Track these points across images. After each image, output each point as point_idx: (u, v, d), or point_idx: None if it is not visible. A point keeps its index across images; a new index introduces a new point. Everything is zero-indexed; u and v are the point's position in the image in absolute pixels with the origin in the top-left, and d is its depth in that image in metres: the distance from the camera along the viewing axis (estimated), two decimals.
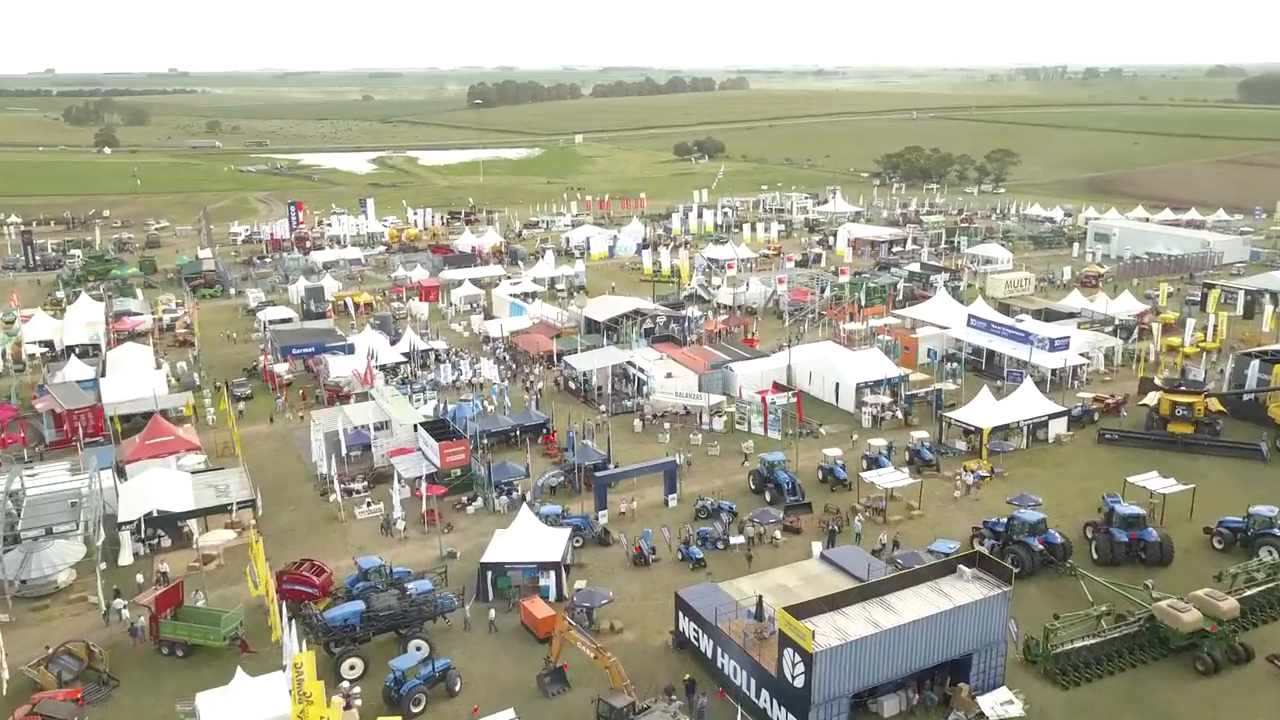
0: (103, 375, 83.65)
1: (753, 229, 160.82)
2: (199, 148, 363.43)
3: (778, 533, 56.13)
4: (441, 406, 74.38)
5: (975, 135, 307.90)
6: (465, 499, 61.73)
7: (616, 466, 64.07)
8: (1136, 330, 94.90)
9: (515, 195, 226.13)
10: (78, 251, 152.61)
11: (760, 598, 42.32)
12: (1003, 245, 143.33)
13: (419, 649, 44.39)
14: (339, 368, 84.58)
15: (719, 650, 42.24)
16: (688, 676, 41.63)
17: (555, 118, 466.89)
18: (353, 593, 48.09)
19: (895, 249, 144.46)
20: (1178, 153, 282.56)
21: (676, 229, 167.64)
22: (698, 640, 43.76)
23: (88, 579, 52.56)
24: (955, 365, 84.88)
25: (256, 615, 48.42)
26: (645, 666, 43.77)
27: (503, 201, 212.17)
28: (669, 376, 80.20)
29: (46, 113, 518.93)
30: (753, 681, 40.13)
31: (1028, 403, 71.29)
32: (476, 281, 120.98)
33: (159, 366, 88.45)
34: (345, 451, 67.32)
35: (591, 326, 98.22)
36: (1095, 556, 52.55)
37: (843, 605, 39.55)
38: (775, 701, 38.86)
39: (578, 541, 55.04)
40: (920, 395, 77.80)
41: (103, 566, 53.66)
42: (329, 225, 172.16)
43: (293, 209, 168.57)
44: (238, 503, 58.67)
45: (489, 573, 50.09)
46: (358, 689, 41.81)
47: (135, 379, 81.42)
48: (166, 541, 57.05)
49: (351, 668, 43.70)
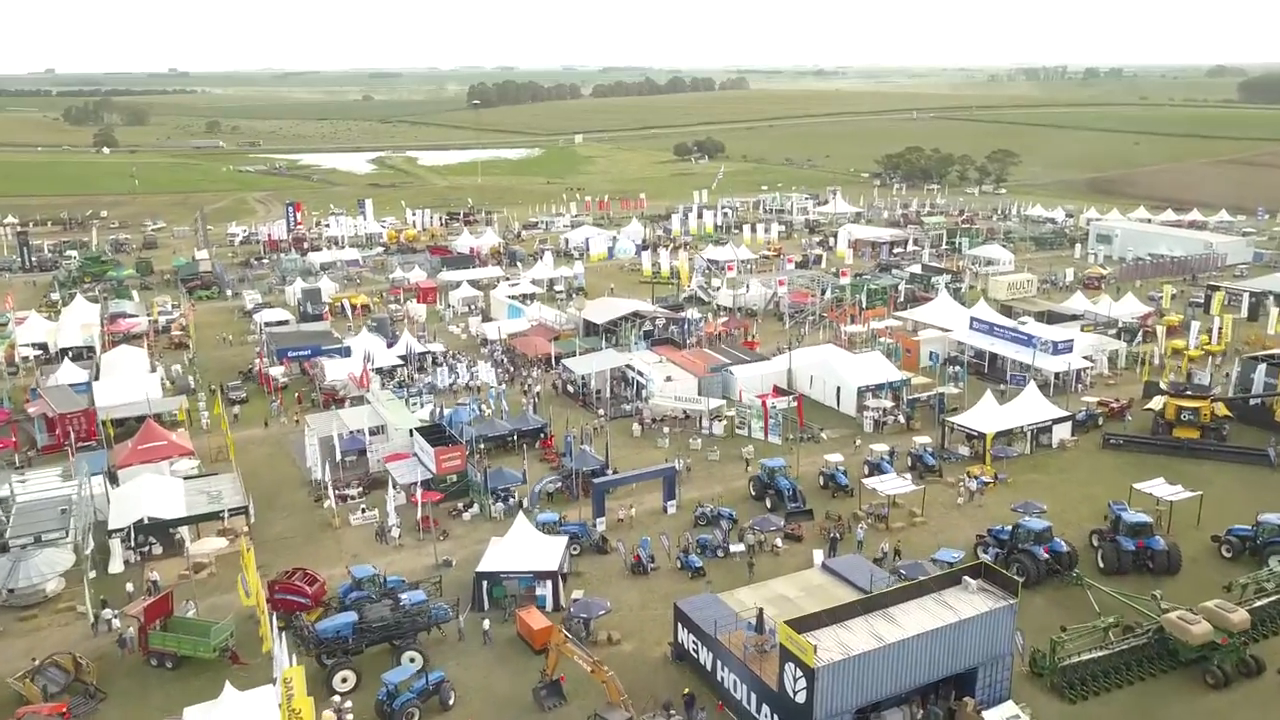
0: (96, 378, 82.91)
1: (753, 230, 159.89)
2: (202, 148, 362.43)
3: (779, 540, 55.29)
4: (438, 411, 73.49)
5: (976, 135, 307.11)
6: (461, 505, 60.84)
7: (615, 472, 63.21)
8: (1140, 333, 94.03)
9: (514, 196, 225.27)
10: (74, 252, 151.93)
11: (761, 610, 41.45)
12: (1004, 246, 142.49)
13: (412, 661, 43.59)
14: (335, 371, 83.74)
15: (719, 663, 41.35)
16: (687, 691, 40.70)
17: (555, 118, 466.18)
18: (346, 603, 47.39)
19: (896, 250, 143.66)
20: (1178, 153, 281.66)
21: (676, 230, 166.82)
22: (697, 652, 42.89)
23: (77, 588, 51.68)
24: (958, 369, 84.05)
25: (248, 625, 47.55)
26: (643, 679, 42.93)
27: (502, 202, 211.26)
28: (668, 380, 79.31)
29: (46, 113, 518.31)
30: (753, 696, 39.25)
31: (1031, 407, 70.38)
32: (474, 283, 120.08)
33: (154, 369, 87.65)
34: (340, 457, 66.41)
35: (590, 329, 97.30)
36: (1101, 565, 51.67)
37: (845, 618, 38.64)
38: (776, 717, 37.99)
39: (575, 549, 54.19)
40: (922, 399, 76.94)
41: (92, 575, 52.82)
42: (327, 226, 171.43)
43: (291, 210, 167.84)
44: (230, 509, 57.68)
45: (484, 582, 49.24)
46: (349, 703, 40.88)
47: (129, 382, 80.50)
48: (158, 549, 56.09)
49: (344, 680, 42.83)
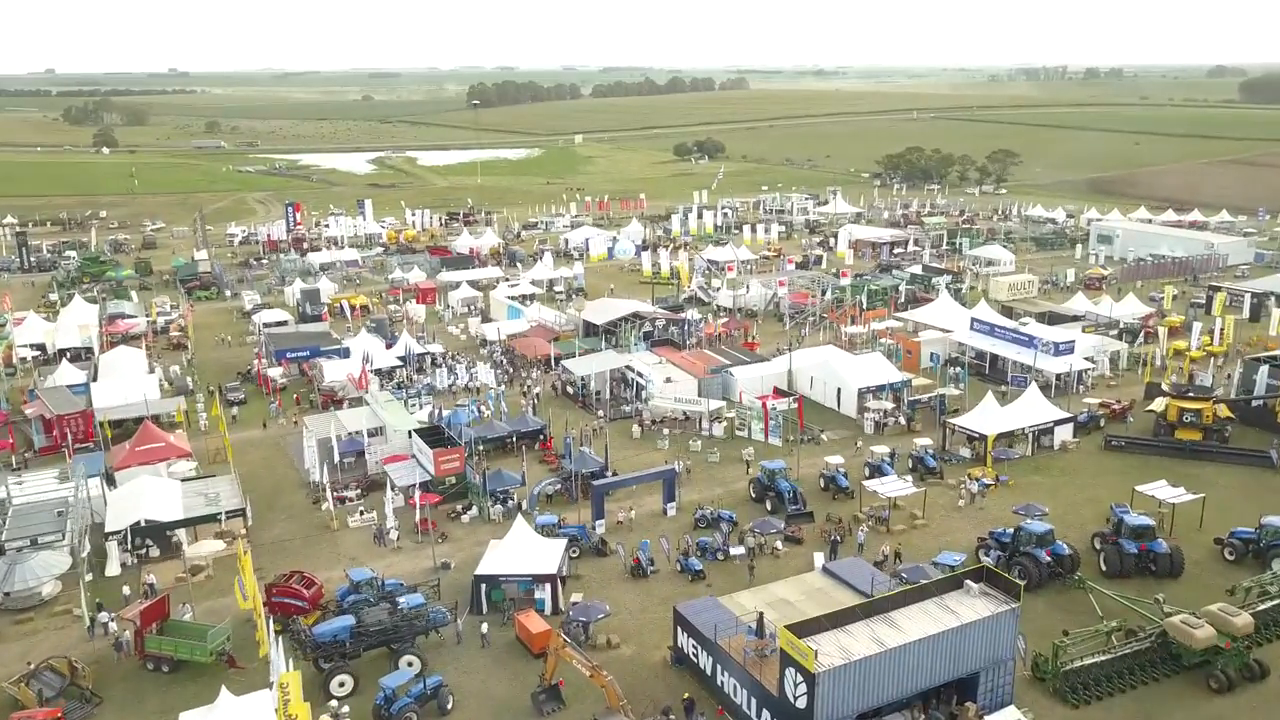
0: (94, 379, 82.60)
1: (753, 230, 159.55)
2: (205, 148, 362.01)
3: (779, 543, 54.97)
4: (436, 412, 73.18)
5: (976, 136, 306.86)
6: (460, 508, 60.52)
7: (614, 474, 62.91)
8: (1142, 334, 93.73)
9: (514, 196, 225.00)
10: (73, 253, 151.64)
11: (761, 614, 41.12)
12: (1005, 247, 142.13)
13: (410, 665, 43.30)
14: (334, 372, 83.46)
15: (719, 668, 41.03)
16: (686, 696, 40.39)
17: (555, 118, 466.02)
18: (343, 606, 47.05)
19: (896, 251, 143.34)
20: (1179, 153, 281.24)
21: (676, 230, 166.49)
22: (697, 657, 42.57)
23: (73, 591, 51.35)
24: (958, 370, 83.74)
25: (245, 629, 47.19)
26: (643, 684, 42.65)
27: (502, 202, 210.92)
28: (668, 381, 79.00)
29: (46, 113, 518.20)
30: (753, 701, 38.92)
31: (1033, 408, 70.04)
32: (474, 284, 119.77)
33: (152, 370, 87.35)
34: (338, 458, 66.12)
35: (590, 330, 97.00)
36: (1104, 568, 51.36)
37: (846, 623, 38.31)
38: None
39: (574, 552, 53.90)
40: (923, 401, 76.62)
41: (88, 578, 52.50)
42: (326, 226, 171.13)
43: (290, 210, 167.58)
44: (227, 512, 57.37)
45: (483, 585, 48.93)
46: (346, 708, 40.67)
47: (127, 383, 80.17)
48: (155, 552, 55.84)
49: (341, 685, 42.54)
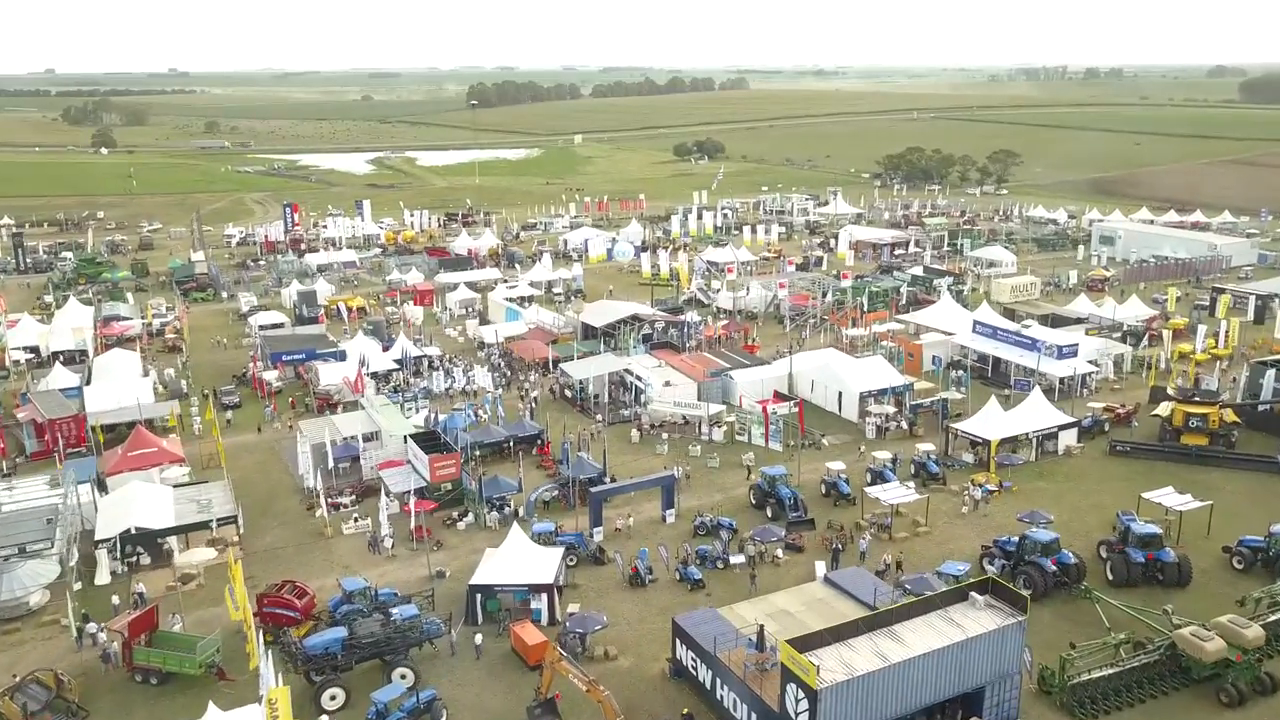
0: (88, 383, 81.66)
1: (753, 231, 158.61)
2: (208, 148, 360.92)
3: (780, 551, 54.10)
4: (432, 417, 72.29)
5: (976, 136, 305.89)
6: (456, 515, 59.61)
7: (613, 480, 62.04)
8: (1146, 336, 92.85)
9: (513, 196, 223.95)
10: (69, 254, 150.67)
11: (762, 627, 40.24)
12: (1006, 248, 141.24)
13: (403, 678, 42.41)
14: (330, 375, 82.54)
15: (718, 681, 40.12)
16: (685, 711, 39.53)
17: (555, 118, 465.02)
18: (336, 617, 46.17)
19: (897, 252, 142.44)
20: (1179, 153, 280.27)
21: (676, 231, 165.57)
22: (696, 670, 41.68)
23: (62, 600, 50.46)
24: (961, 373, 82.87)
25: (236, 640, 46.30)
26: (641, 698, 41.80)
27: (501, 203, 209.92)
28: (667, 385, 78.12)
29: (45, 113, 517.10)
30: (754, 716, 38.00)
31: (1036, 413, 69.16)
32: (472, 285, 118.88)
33: (146, 373, 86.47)
34: (333, 464, 65.25)
35: (588, 332, 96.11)
36: (1110, 578, 50.45)
37: (849, 636, 37.43)
38: None
39: (571, 560, 53.03)
40: (926, 405, 75.74)
41: (77, 586, 51.67)
42: (324, 227, 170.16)
43: (288, 210, 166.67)
44: (218, 519, 56.48)
45: (478, 595, 48.05)
46: None
47: (121, 387, 79.29)
48: (146, 559, 54.97)
49: (333, 698, 41.65)
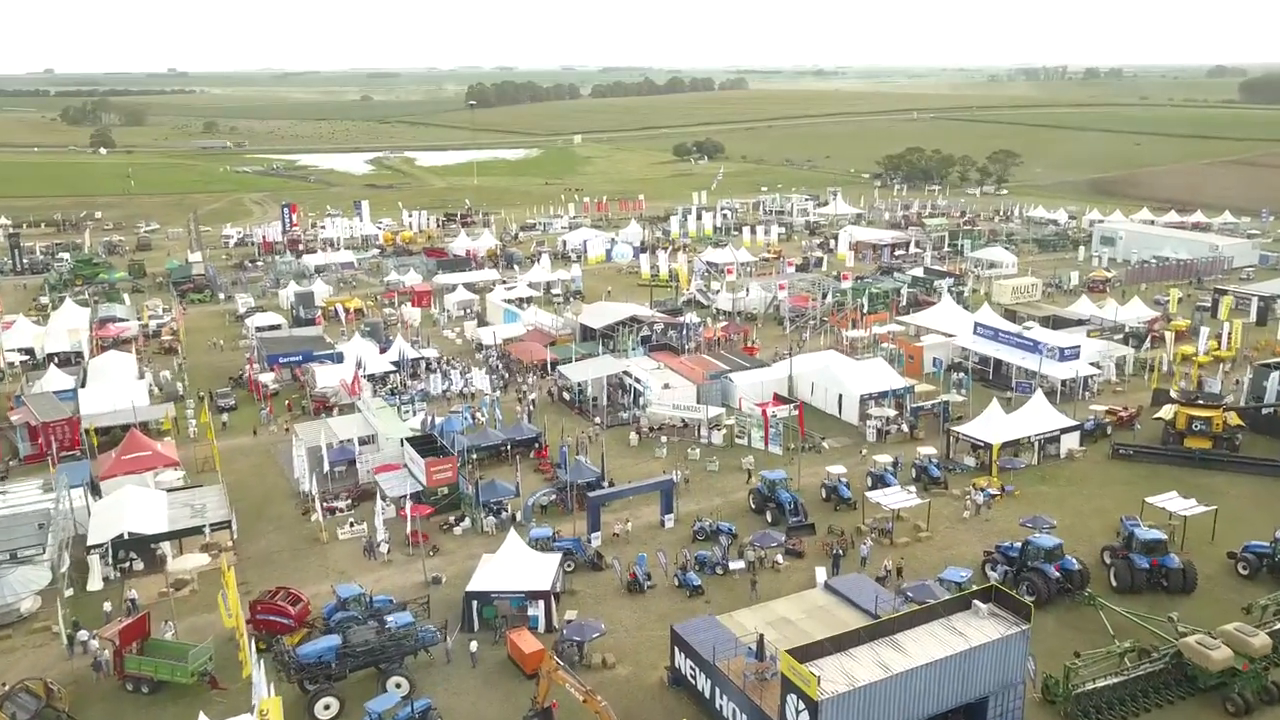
0: (83, 385, 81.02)
1: (752, 232, 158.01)
2: (210, 149, 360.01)
3: (779, 556, 53.52)
4: (429, 420, 71.64)
5: (976, 136, 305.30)
6: (452, 519, 59.03)
7: (611, 484, 61.45)
8: (1148, 338, 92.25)
9: (512, 196, 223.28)
10: (66, 255, 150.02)
11: (761, 635, 39.65)
12: (1007, 249, 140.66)
13: (398, 686, 41.83)
14: (326, 377, 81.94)
15: (718, 691, 39.55)
16: None
17: (554, 118, 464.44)
18: (330, 624, 45.53)
19: (898, 253, 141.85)
20: (1180, 154, 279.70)
21: (675, 232, 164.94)
22: (695, 679, 41.10)
23: (53, 607, 49.83)
24: (962, 375, 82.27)
25: (229, 648, 45.67)
26: (639, 707, 41.22)
27: (500, 203, 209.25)
28: (666, 387, 77.52)
29: (44, 113, 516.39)
30: None
31: (1038, 416, 68.58)
32: (470, 286, 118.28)
33: (142, 376, 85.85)
34: (328, 468, 64.65)
35: (587, 334, 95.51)
36: (1114, 584, 49.84)
37: (850, 645, 36.82)
38: None
39: (569, 566, 52.44)
40: (927, 408, 75.14)
41: (69, 592, 51.01)
42: (322, 228, 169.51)
43: (286, 211, 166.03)
44: (212, 524, 55.86)
45: (474, 602, 47.45)
46: None
47: (116, 389, 78.62)
48: (139, 565, 54.35)
49: (326, 708, 41.05)
